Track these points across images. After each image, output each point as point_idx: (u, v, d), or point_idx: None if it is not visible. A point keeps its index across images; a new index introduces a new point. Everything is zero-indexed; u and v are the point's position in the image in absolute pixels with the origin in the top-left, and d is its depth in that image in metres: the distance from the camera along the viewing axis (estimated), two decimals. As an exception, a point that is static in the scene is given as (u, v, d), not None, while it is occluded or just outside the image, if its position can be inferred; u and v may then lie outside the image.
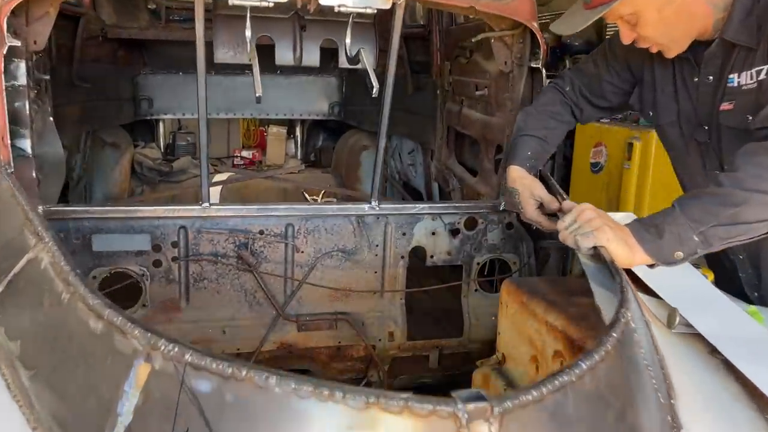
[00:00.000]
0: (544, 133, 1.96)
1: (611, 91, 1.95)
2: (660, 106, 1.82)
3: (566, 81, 2.03)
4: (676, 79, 1.76)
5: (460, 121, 2.91)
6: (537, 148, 1.94)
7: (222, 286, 2.20)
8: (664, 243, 1.41)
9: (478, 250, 2.39)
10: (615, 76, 1.93)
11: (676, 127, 1.80)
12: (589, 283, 1.47)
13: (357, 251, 2.29)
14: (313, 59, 2.02)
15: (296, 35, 2.01)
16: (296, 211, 2.19)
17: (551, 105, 1.99)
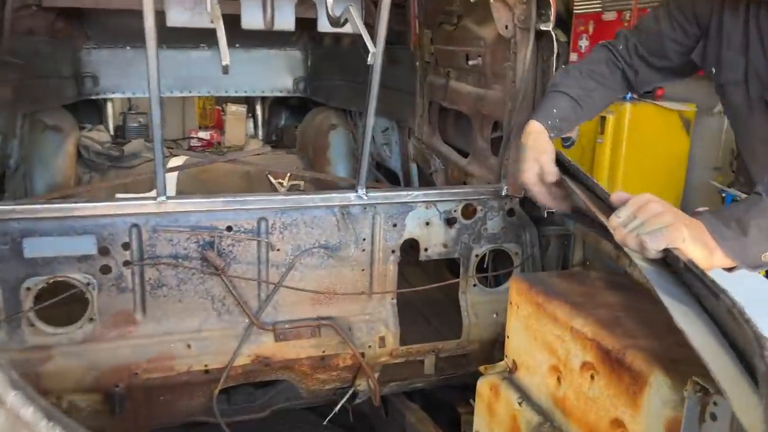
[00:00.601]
0: (579, 93, 1.72)
1: (674, 49, 1.72)
2: (724, 63, 1.59)
3: (620, 39, 1.80)
4: (749, 29, 1.51)
5: (447, 95, 2.62)
6: (566, 109, 1.71)
7: (185, 293, 1.88)
8: (750, 241, 1.15)
9: (476, 240, 2.11)
10: (679, 31, 1.70)
11: (741, 87, 1.57)
12: (657, 294, 1.19)
13: (341, 247, 1.99)
14: (287, 22, 1.69)
15: (266, -6, 1.68)
16: (270, 202, 1.87)
17: (596, 64, 1.77)
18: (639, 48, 1.78)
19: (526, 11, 1.91)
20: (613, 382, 1.41)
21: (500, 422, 1.81)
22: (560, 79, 1.80)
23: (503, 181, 2.08)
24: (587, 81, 1.77)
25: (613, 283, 1.75)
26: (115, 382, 1.82)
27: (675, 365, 1.31)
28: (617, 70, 1.81)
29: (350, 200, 1.94)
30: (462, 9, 2.42)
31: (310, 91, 4.55)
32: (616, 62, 1.81)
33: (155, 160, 1.69)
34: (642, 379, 1.32)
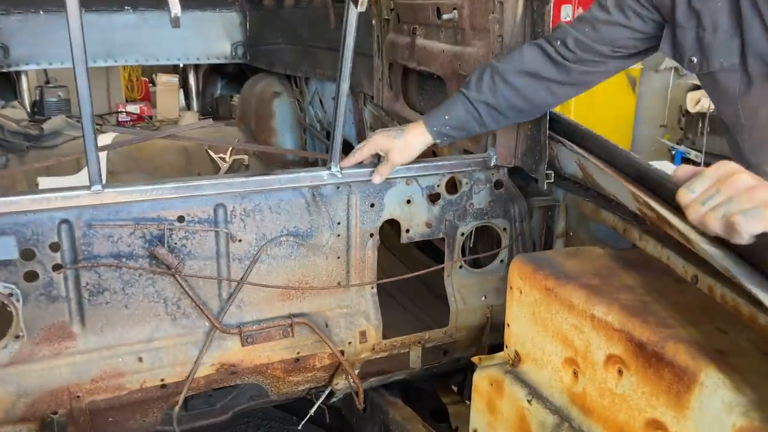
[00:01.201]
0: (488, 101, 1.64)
1: (628, 38, 1.54)
2: (712, 50, 1.40)
3: (558, 32, 1.61)
4: (740, 6, 1.32)
5: (413, 55, 2.36)
6: (463, 119, 1.68)
7: (131, 297, 1.58)
8: None
9: (462, 217, 1.89)
10: (635, 19, 1.51)
11: (737, 72, 1.38)
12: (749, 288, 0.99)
13: (313, 233, 1.72)
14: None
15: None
16: (230, 186, 1.58)
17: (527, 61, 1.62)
18: (584, 40, 1.57)
19: (514, -46, 1.67)
20: (649, 378, 1.23)
21: (505, 421, 1.62)
22: (475, 82, 1.66)
23: (491, 149, 1.86)
24: (501, 87, 1.63)
25: (625, 260, 1.56)
26: (52, 408, 1.53)
27: (725, 358, 1.14)
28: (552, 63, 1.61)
29: (323, 179, 1.67)
30: (428, -44, 2.15)
31: (249, 57, 4.19)
32: (552, 57, 1.61)
33: (85, 141, 1.38)
34: (689, 376, 1.14)
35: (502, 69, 1.64)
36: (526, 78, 1.62)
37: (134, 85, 7.51)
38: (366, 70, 3.03)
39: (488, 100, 1.65)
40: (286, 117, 4.19)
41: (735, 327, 1.24)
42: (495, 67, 1.66)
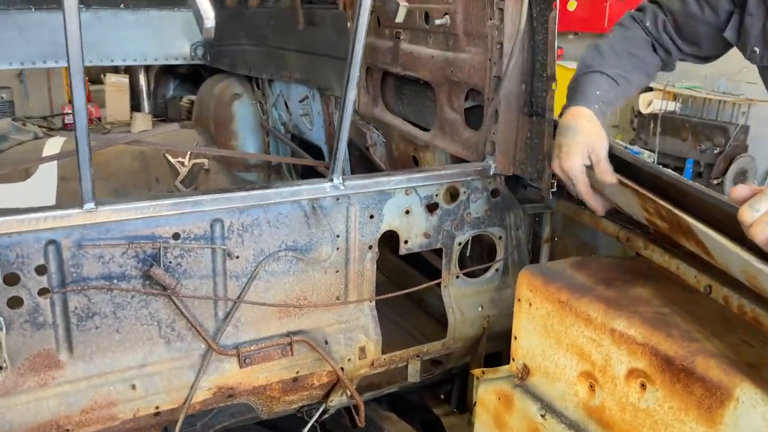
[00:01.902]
0: (617, 73, 1.52)
1: (704, 32, 1.57)
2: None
3: (647, 14, 1.62)
4: None
5: (397, 59, 2.31)
6: (607, 91, 1.51)
7: (122, 321, 1.48)
8: None
9: (459, 227, 1.86)
10: (708, 11, 1.54)
11: None
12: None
13: (312, 247, 1.65)
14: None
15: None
16: (230, 201, 1.49)
17: (631, 43, 1.58)
18: (668, 27, 1.60)
19: (514, -40, 1.64)
20: (677, 393, 1.22)
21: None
22: (593, 58, 1.60)
23: (489, 158, 1.83)
24: (624, 61, 1.58)
25: (633, 270, 1.56)
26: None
27: (757, 372, 1.14)
28: (652, 51, 1.63)
29: (326, 191, 1.60)
30: (415, -41, 2.10)
31: (210, 58, 4.05)
32: (648, 39, 1.62)
33: (79, 156, 1.27)
34: (723, 391, 1.14)
35: (614, 44, 1.63)
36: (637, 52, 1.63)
37: (77, 85, 7.14)
38: (337, 73, 2.96)
39: (618, 68, 1.60)
40: (248, 119, 4.08)
41: (758, 339, 1.25)
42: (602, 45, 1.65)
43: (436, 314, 2.38)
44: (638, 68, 1.60)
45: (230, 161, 4.00)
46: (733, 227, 1.24)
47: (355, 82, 1.52)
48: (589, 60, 1.60)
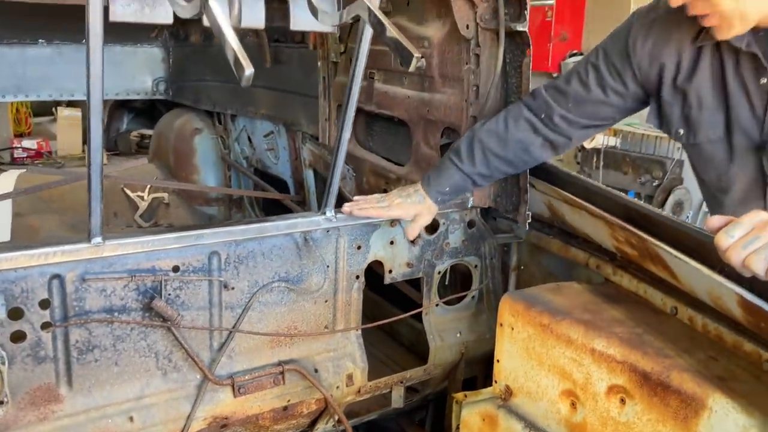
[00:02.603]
0: (480, 173, 1.77)
1: (611, 113, 1.68)
2: (697, 124, 1.54)
3: (541, 106, 1.71)
4: (726, 83, 1.46)
5: (371, 98, 2.42)
6: (459, 185, 1.79)
7: (122, 353, 1.50)
8: None
9: (439, 256, 1.96)
10: (613, 96, 1.63)
11: (722, 143, 1.52)
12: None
13: (303, 278, 1.72)
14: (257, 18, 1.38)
15: (232, -20, 1.35)
16: (229, 234, 1.55)
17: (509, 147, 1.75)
18: (568, 116, 1.68)
19: (489, 8, 1.79)
20: (655, 406, 1.34)
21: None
22: (466, 155, 1.75)
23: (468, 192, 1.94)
24: (494, 161, 1.75)
25: (605, 295, 1.69)
26: (37, 479, 1.40)
27: (726, 384, 1.27)
28: (537, 154, 1.76)
29: (319, 224, 1.68)
30: (389, 6, 2.23)
31: (172, 93, 4.07)
32: (542, 142, 1.74)
33: (91, 189, 1.30)
34: (697, 402, 1.26)
35: (492, 143, 1.73)
36: (517, 150, 1.74)
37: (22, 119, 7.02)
38: (304, 109, 3.06)
39: (482, 171, 1.76)
40: (209, 154, 4.11)
41: (723, 354, 1.39)
42: (483, 140, 1.75)
43: (406, 343, 2.46)
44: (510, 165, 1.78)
45: (191, 195, 4.00)
46: (699, 252, 1.39)
47: (350, 123, 1.61)
48: (463, 148, 1.77)
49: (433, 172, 1.81)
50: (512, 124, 1.73)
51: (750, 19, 1.34)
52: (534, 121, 1.72)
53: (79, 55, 3.74)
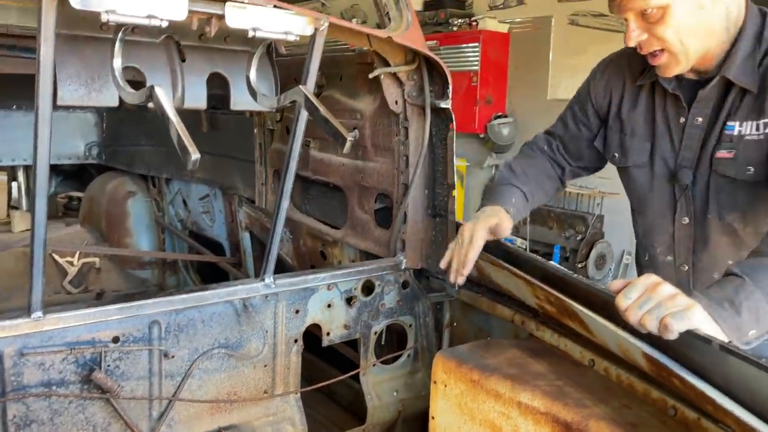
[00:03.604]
0: (529, 190, 1.89)
1: (586, 148, 1.93)
2: (630, 149, 1.77)
3: (542, 140, 2.00)
4: (654, 118, 1.69)
5: (307, 164, 2.52)
6: (520, 202, 1.85)
7: (59, 427, 1.49)
8: (743, 321, 1.23)
9: (375, 317, 2.04)
10: (584, 130, 1.90)
11: (645, 168, 1.75)
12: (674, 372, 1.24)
13: (243, 343, 1.76)
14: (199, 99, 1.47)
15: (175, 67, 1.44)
16: (170, 304, 1.59)
17: (536, 167, 1.96)
18: (560, 149, 1.96)
19: (415, 87, 1.94)
20: (577, 453, 1.44)
21: None
22: (509, 175, 1.93)
23: (400, 254, 2.05)
24: (531, 182, 1.91)
25: (530, 350, 1.80)
26: None
27: (637, 430, 1.39)
28: (551, 172, 1.98)
29: (258, 291, 1.74)
30: (323, 80, 2.37)
31: (106, 157, 4.07)
32: (549, 164, 1.98)
33: (33, 263, 1.33)
34: (613, 448, 1.37)
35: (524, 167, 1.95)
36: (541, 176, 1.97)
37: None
38: (241, 173, 3.14)
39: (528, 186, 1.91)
40: (142, 217, 4.10)
41: (634, 402, 1.51)
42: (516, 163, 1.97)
43: (345, 403, 2.50)
44: (541, 188, 1.95)
45: (123, 259, 3.96)
46: (607, 310, 1.53)
47: (288, 193, 1.70)
48: (506, 175, 1.92)
49: (491, 194, 1.90)
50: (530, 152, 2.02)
51: (691, 58, 1.55)
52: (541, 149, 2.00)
53: (8, 121, 3.71)
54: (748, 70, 1.51)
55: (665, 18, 1.48)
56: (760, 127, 1.49)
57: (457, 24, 6.65)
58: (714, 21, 1.51)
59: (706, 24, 1.51)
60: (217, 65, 1.52)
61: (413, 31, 1.87)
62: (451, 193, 1.93)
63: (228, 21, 1.26)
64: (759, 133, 1.49)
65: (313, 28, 1.39)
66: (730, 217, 1.62)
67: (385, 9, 1.94)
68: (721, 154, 1.56)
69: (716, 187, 1.60)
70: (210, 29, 1.26)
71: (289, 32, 1.34)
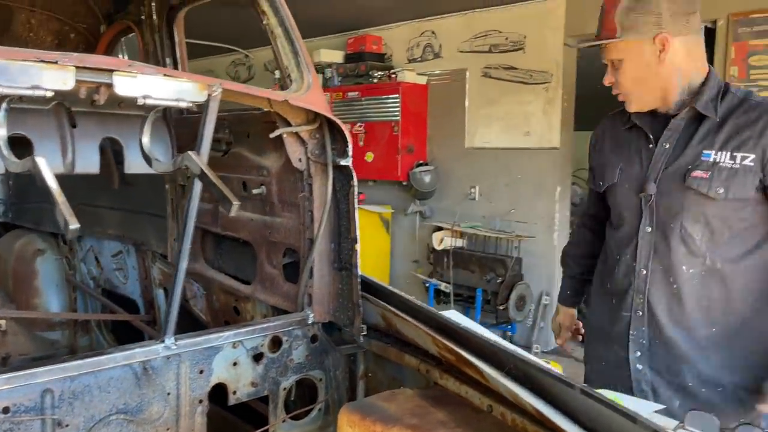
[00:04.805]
0: (578, 273, 2.43)
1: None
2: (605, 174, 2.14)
3: (585, 217, 2.43)
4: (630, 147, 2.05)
5: (217, 221, 2.53)
6: (574, 286, 2.45)
7: None
8: None
9: (283, 373, 2.04)
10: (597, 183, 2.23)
11: (620, 187, 2.06)
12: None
13: (143, 408, 1.73)
14: (92, 164, 1.47)
15: (65, 133, 1.44)
16: (63, 371, 1.55)
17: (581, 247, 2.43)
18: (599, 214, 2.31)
19: (317, 146, 2.00)
20: (474, 500, 1.48)
21: None
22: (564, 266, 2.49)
23: (307, 309, 2.07)
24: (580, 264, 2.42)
25: (432, 398, 1.85)
26: None
27: (529, 473, 1.45)
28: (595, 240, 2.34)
29: (158, 353, 1.72)
30: (231, 137, 2.40)
31: (12, 216, 3.94)
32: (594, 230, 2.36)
33: None
34: (507, 492, 1.42)
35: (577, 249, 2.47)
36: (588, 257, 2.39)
37: None
38: (153, 228, 3.10)
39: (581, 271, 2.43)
40: (52, 275, 3.97)
41: (528, 445, 1.58)
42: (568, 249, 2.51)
43: None
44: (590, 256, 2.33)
45: (31, 321, 3.81)
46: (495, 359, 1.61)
47: (186, 254, 1.70)
48: (562, 265, 2.51)
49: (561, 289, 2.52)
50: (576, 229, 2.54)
51: (645, 99, 1.96)
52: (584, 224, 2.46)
53: None
54: (710, 106, 1.87)
55: (622, 68, 1.92)
56: (736, 159, 1.80)
57: (377, 76, 6.84)
58: (661, 77, 1.90)
59: (653, 78, 1.91)
60: (111, 130, 1.53)
61: (314, 92, 1.94)
62: (354, 247, 1.98)
63: (117, 90, 1.28)
64: (734, 163, 1.80)
65: (206, 94, 1.43)
66: (691, 228, 1.88)
67: (287, 71, 2.01)
68: (697, 173, 1.85)
69: (686, 202, 1.87)
70: (99, 97, 1.28)
71: (181, 99, 1.38)
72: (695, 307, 1.90)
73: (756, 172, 1.78)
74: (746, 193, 1.80)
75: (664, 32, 1.86)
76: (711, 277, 1.88)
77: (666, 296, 1.94)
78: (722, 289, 1.87)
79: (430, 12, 6.61)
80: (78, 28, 3.16)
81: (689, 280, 1.90)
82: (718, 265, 1.86)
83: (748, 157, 1.79)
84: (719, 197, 1.82)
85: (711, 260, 1.86)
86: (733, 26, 4.77)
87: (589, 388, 1.23)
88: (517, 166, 6.14)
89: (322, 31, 7.48)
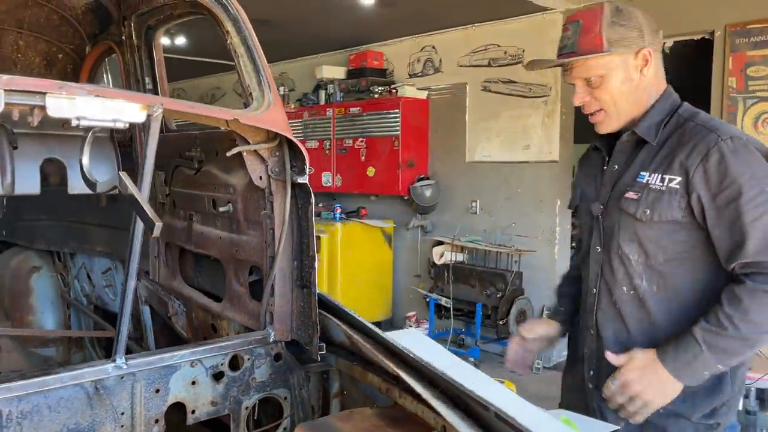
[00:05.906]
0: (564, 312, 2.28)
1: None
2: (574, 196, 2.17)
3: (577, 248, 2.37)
4: (591, 170, 2.05)
5: (191, 239, 2.54)
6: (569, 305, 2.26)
7: None
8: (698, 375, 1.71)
9: (245, 392, 2.03)
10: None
11: (582, 207, 2.07)
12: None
13: (95, 427, 1.72)
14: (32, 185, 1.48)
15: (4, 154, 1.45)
16: (9, 390, 1.55)
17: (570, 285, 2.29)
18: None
19: (278, 164, 2.00)
20: None
21: None
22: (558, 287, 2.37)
23: (269, 327, 2.07)
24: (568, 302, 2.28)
25: (390, 417, 1.82)
26: None
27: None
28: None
29: (108, 373, 1.72)
30: (202, 155, 2.41)
31: (6, 234, 3.99)
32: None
33: None
34: None
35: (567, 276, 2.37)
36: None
37: None
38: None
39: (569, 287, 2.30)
40: (47, 292, 4.01)
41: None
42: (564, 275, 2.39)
43: None
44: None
45: (26, 337, 3.85)
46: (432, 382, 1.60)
47: (134, 273, 1.70)
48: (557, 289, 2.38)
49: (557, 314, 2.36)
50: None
51: (622, 118, 1.88)
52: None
53: None
54: (653, 129, 1.84)
55: (603, 84, 1.82)
56: (665, 181, 1.77)
57: (378, 91, 6.86)
58: (640, 90, 1.85)
59: (635, 91, 1.84)
60: (53, 151, 1.55)
61: (274, 110, 1.94)
62: (314, 265, 1.97)
63: (50, 112, 1.29)
64: (662, 185, 1.77)
65: (145, 115, 1.44)
66: (627, 248, 1.87)
67: (249, 89, 2.02)
68: (629, 194, 1.83)
69: (621, 222, 1.86)
70: (33, 119, 1.29)
71: (118, 119, 1.38)
72: (636, 328, 1.88)
73: (682, 194, 1.74)
74: (672, 215, 1.76)
75: (648, 46, 1.82)
76: (649, 299, 1.84)
77: (610, 316, 1.91)
78: (661, 312, 1.84)
79: (431, 27, 6.63)
80: (65, 49, 3.20)
81: (629, 301, 1.87)
82: (654, 288, 1.83)
83: (675, 180, 1.76)
84: (646, 218, 1.80)
85: (648, 282, 1.84)
86: (730, 37, 4.71)
87: (503, 411, 1.20)
88: (517, 179, 6.11)
89: (324, 47, 7.54)
